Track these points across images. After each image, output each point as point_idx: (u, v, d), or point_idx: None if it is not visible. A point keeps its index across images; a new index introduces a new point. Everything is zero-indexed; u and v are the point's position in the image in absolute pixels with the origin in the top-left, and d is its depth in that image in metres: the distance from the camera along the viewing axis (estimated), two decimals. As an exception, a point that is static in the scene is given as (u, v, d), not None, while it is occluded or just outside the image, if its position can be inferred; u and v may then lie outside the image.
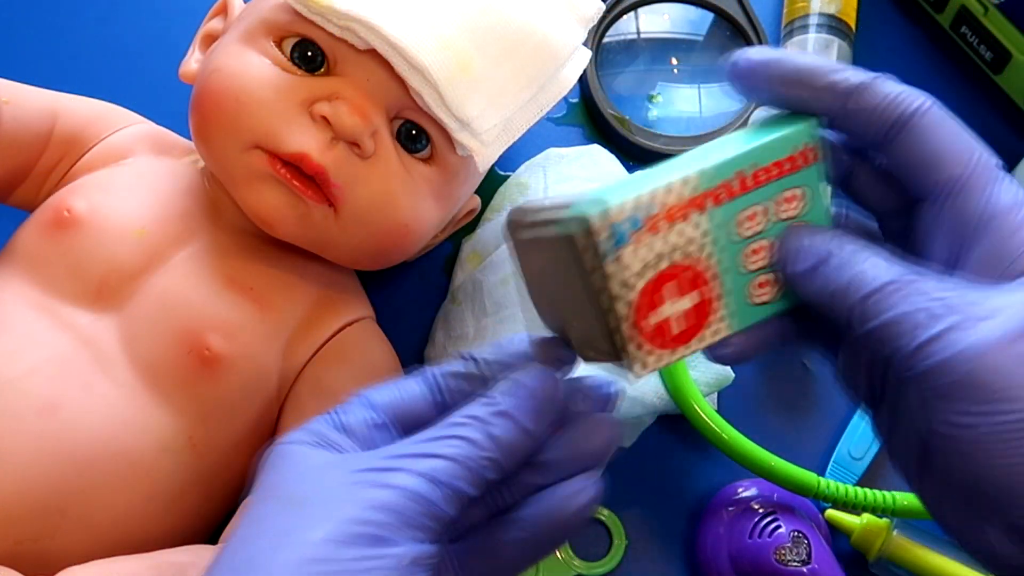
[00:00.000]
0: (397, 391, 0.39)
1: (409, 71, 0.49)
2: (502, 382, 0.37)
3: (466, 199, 0.58)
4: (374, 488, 0.34)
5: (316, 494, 0.35)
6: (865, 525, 0.55)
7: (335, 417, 0.38)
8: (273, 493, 0.36)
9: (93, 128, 0.56)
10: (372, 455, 0.36)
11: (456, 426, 0.36)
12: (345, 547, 0.33)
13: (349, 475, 0.35)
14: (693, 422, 0.55)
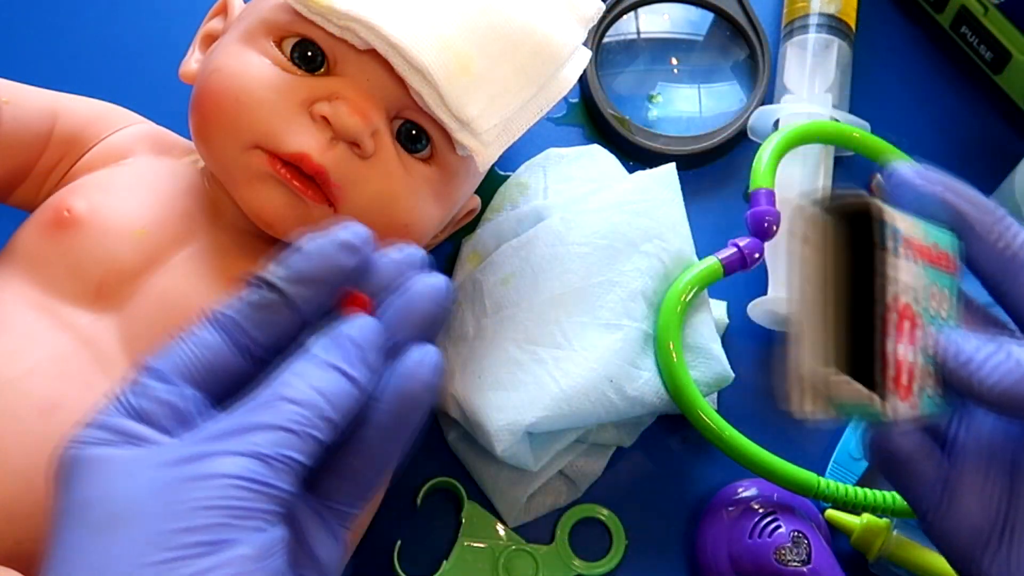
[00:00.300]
0: (191, 349, 0.35)
1: (409, 71, 0.49)
2: (319, 334, 0.34)
3: (466, 199, 0.58)
4: (193, 485, 0.31)
5: (128, 510, 0.31)
6: (865, 525, 0.55)
7: (125, 403, 0.34)
8: (78, 518, 0.32)
9: (93, 128, 0.56)
10: (183, 442, 0.32)
11: (278, 387, 0.33)
12: (177, 567, 0.30)
13: (160, 475, 0.31)
14: (693, 422, 0.55)
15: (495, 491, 0.58)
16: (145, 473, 0.32)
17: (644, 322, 0.56)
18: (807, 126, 0.61)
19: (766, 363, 0.62)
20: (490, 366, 0.56)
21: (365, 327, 0.36)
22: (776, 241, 0.59)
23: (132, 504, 0.31)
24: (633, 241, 0.57)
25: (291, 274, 0.36)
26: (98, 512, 0.31)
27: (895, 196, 0.41)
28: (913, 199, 0.40)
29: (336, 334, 0.35)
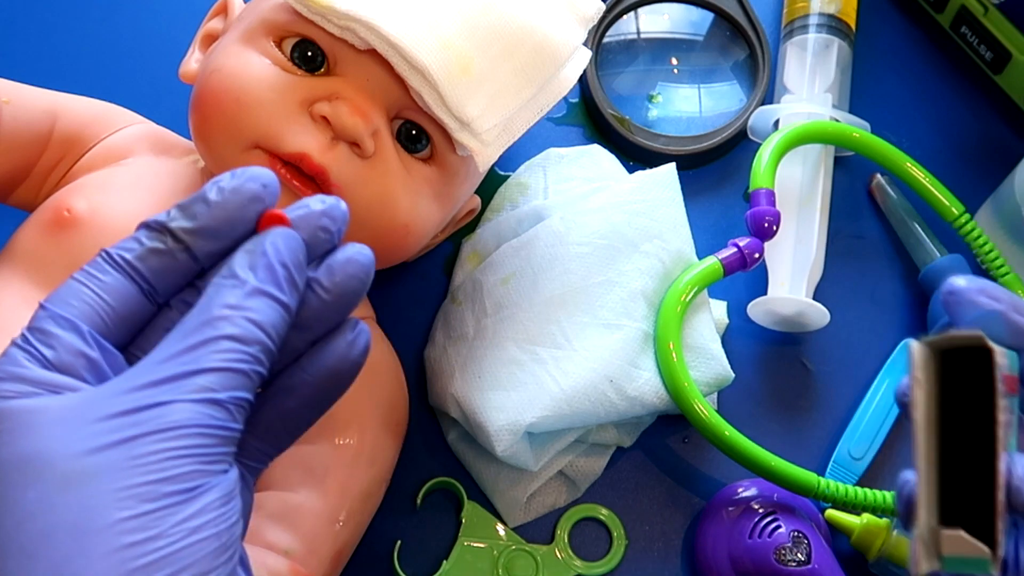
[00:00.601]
0: (97, 295, 0.34)
1: (409, 71, 0.49)
2: (241, 254, 0.34)
3: (466, 199, 0.58)
4: (157, 436, 0.30)
5: (89, 465, 0.30)
6: (865, 525, 0.55)
7: (38, 354, 0.33)
8: (26, 475, 0.30)
9: (93, 128, 0.56)
10: (118, 390, 0.32)
11: (215, 323, 0.32)
12: (163, 516, 0.30)
13: (109, 426, 0.31)
14: (693, 422, 0.55)
15: (495, 491, 0.57)
16: (89, 426, 0.31)
17: (644, 322, 0.56)
18: (807, 126, 0.61)
19: (766, 363, 0.62)
20: (490, 366, 0.56)
21: (290, 242, 0.35)
22: (776, 241, 0.59)
23: (90, 458, 0.30)
24: (633, 241, 0.57)
25: (196, 226, 0.35)
26: (52, 468, 0.30)
27: (954, 313, 0.41)
28: (974, 317, 0.40)
29: (262, 253, 0.34)
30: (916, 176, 0.62)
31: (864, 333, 0.62)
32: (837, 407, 0.61)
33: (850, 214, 0.65)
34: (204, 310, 0.33)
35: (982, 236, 0.61)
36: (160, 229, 0.35)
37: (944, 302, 0.41)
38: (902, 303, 0.63)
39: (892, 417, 0.60)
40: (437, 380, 0.58)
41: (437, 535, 0.57)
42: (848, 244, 0.64)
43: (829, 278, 0.62)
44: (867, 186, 0.66)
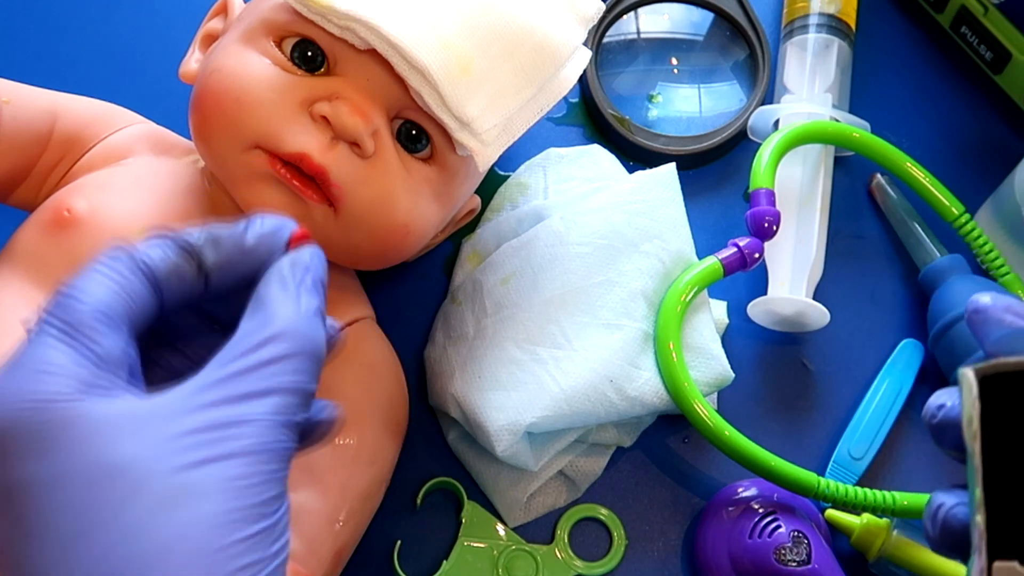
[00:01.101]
0: (127, 296, 0.34)
1: (409, 71, 0.49)
2: (289, 267, 0.35)
3: (466, 199, 0.58)
4: (245, 459, 0.31)
5: (185, 484, 0.30)
6: (865, 525, 0.55)
7: (86, 351, 0.32)
8: (129, 490, 0.30)
9: (93, 128, 0.56)
10: (195, 403, 0.32)
11: (281, 338, 0.33)
12: (261, 543, 0.31)
13: (197, 441, 0.31)
14: (693, 422, 0.55)
15: (495, 491, 0.57)
16: (177, 440, 0.31)
17: (644, 322, 0.56)
18: (807, 126, 0.61)
19: (766, 363, 0.62)
20: (490, 366, 0.56)
21: (322, 260, 0.37)
22: (776, 241, 0.59)
23: (187, 475, 0.31)
24: (633, 241, 0.57)
25: (222, 261, 0.36)
26: (150, 484, 0.30)
27: (980, 332, 0.40)
28: (1000, 336, 0.40)
29: (307, 269, 0.36)
30: (916, 176, 0.62)
31: (864, 333, 0.62)
32: (837, 407, 0.61)
33: (850, 214, 0.65)
34: (268, 323, 0.33)
35: (982, 236, 0.61)
36: (190, 251, 0.36)
37: (969, 320, 0.41)
38: (902, 303, 0.63)
39: (892, 417, 0.60)
40: (437, 380, 0.58)
41: (437, 535, 0.57)
42: (848, 244, 0.64)
43: (829, 278, 0.62)
44: (867, 186, 0.66)
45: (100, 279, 0.34)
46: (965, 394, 0.36)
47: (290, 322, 0.34)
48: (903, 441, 0.60)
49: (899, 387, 0.60)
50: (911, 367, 0.61)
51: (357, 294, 0.57)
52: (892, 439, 0.60)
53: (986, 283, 0.60)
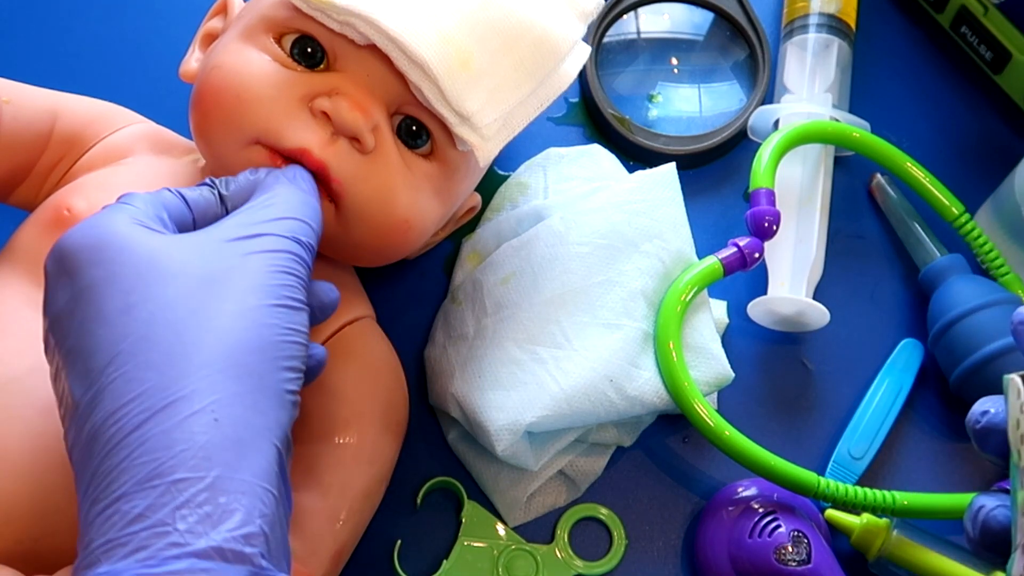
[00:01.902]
0: (177, 201, 0.44)
1: (409, 66, 0.49)
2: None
3: (467, 196, 0.58)
4: (269, 256, 0.41)
5: (221, 272, 0.40)
6: (865, 525, 0.55)
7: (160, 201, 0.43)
8: (173, 278, 0.39)
9: (93, 128, 0.56)
10: (226, 226, 0.42)
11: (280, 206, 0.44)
12: (281, 313, 0.40)
13: (231, 248, 0.41)
14: (693, 422, 0.55)
15: (495, 491, 0.57)
16: (214, 245, 0.41)
17: (644, 322, 0.56)
18: (807, 126, 0.61)
19: (766, 363, 0.62)
20: (490, 366, 0.56)
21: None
22: (776, 241, 0.59)
23: (221, 269, 0.40)
24: (633, 241, 0.57)
25: (235, 188, 0.46)
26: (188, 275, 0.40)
27: (1022, 342, 0.41)
28: None
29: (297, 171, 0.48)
30: (916, 176, 0.62)
31: (864, 333, 0.62)
32: (837, 407, 0.61)
33: (850, 214, 0.65)
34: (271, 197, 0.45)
35: (982, 236, 0.61)
36: (214, 188, 0.46)
37: (1014, 332, 0.42)
38: (902, 303, 0.63)
39: (892, 417, 0.60)
40: (437, 380, 0.58)
41: (437, 535, 0.57)
42: (848, 244, 0.64)
43: (829, 278, 0.62)
44: (867, 186, 0.66)
45: (164, 192, 0.44)
46: (1011, 399, 0.37)
47: (289, 191, 0.45)
48: (903, 441, 0.60)
49: (899, 387, 0.60)
50: (911, 367, 0.61)
51: (357, 293, 0.57)
52: (892, 439, 0.60)
53: (986, 283, 0.60)
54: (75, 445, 0.38)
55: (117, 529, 0.35)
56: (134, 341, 0.38)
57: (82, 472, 0.37)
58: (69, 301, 0.39)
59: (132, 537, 0.35)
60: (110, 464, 0.36)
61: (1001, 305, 0.58)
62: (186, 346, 0.38)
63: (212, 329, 0.38)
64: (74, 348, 0.39)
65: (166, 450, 0.36)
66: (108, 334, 0.38)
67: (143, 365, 0.37)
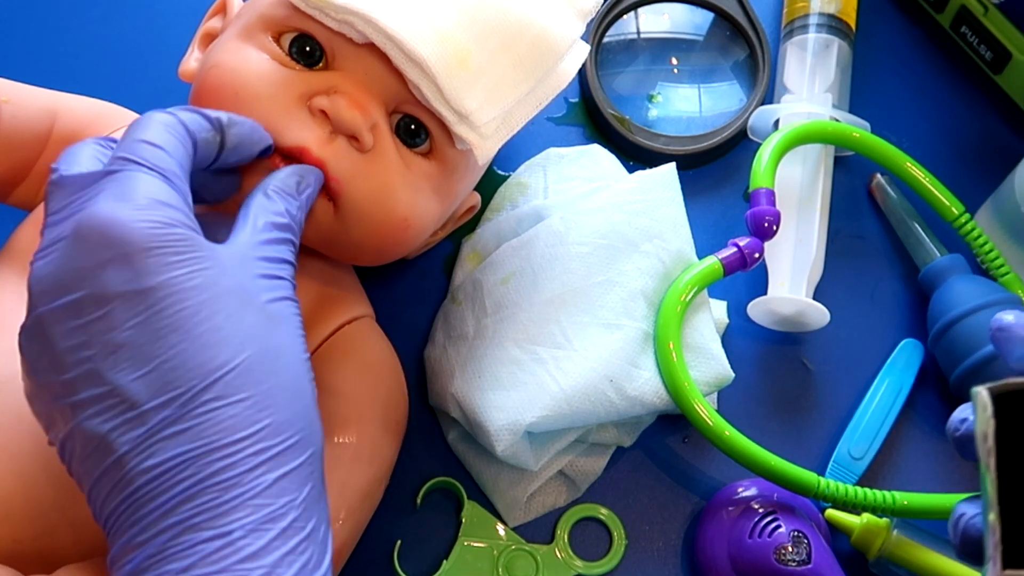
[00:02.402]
0: (186, 157, 0.43)
1: (407, 64, 0.49)
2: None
3: (466, 194, 0.58)
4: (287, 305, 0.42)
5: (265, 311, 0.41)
6: (865, 525, 0.55)
7: (184, 194, 0.41)
8: (226, 295, 0.39)
9: (93, 128, 0.56)
10: (250, 254, 0.42)
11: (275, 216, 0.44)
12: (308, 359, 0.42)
13: (244, 268, 0.42)
14: (693, 422, 0.55)
15: (495, 491, 0.57)
16: (233, 263, 0.41)
17: (644, 322, 0.56)
18: (807, 126, 0.61)
19: (766, 363, 0.62)
20: (490, 366, 0.56)
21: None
22: (776, 241, 0.59)
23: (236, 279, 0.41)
24: (633, 241, 0.57)
25: (234, 140, 0.46)
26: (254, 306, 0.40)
27: (1004, 350, 0.42)
28: (1023, 354, 0.41)
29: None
30: (916, 176, 0.62)
31: (864, 333, 0.62)
32: (837, 407, 0.61)
33: (850, 214, 0.65)
34: (279, 215, 0.45)
35: (982, 236, 0.61)
36: (218, 128, 0.45)
37: (993, 338, 0.42)
38: (902, 303, 0.63)
39: (892, 417, 0.60)
40: (437, 380, 0.58)
41: (437, 535, 0.57)
42: (848, 244, 0.64)
43: (829, 278, 0.62)
44: (867, 186, 0.66)
45: (171, 139, 0.42)
46: (979, 412, 0.38)
47: (291, 214, 0.45)
48: (903, 441, 0.60)
49: (899, 387, 0.60)
50: (911, 367, 0.61)
51: (356, 292, 0.57)
52: (892, 439, 0.60)
53: (986, 283, 0.60)
54: (136, 445, 0.37)
55: (230, 562, 0.36)
56: (238, 375, 0.38)
57: (157, 479, 0.37)
58: (130, 290, 0.38)
59: (247, 573, 0.36)
60: (217, 497, 0.37)
61: (1001, 305, 0.58)
62: (287, 391, 0.40)
63: (294, 374, 0.40)
64: (139, 346, 0.38)
65: (279, 497, 0.38)
66: (200, 355, 0.38)
67: (255, 404, 0.38)
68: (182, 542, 0.37)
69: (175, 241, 0.39)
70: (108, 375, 0.38)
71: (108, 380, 0.38)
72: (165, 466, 0.37)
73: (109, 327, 0.38)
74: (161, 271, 0.38)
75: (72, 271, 0.38)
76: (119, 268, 0.38)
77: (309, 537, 0.38)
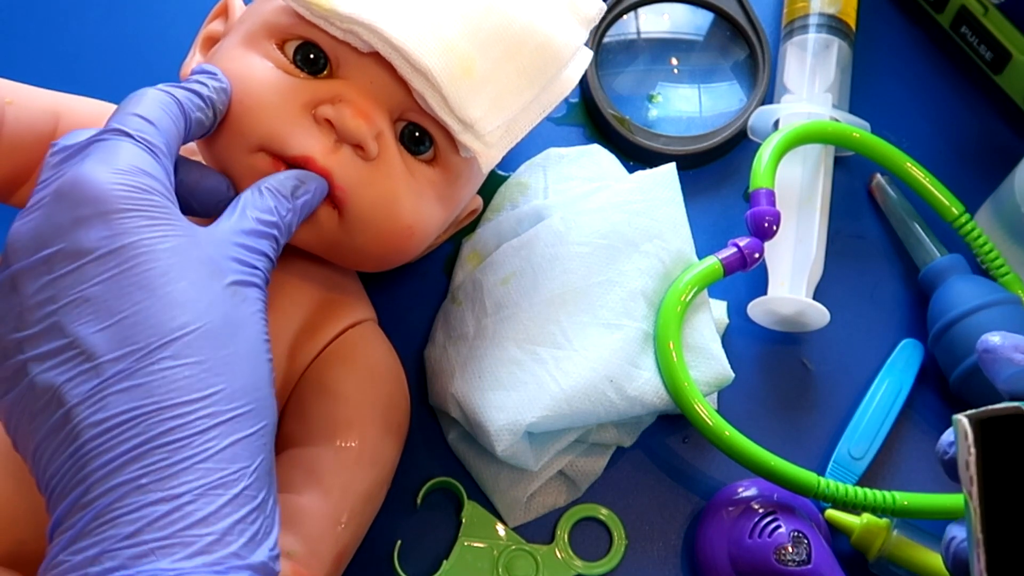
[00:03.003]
0: (177, 136, 0.44)
1: (412, 73, 0.49)
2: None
3: (468, 200, 0.58)
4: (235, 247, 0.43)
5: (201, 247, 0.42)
6: (865, 525, 0.55)
7: (168, 170, 0.43)
8: (198, 263, 0.41)
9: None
10: (229, 238, 0.43)
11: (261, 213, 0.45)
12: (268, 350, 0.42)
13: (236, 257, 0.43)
14: (693, 422, 0.55)
15: (495, 491, 0.58)
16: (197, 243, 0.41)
17: (644, 322, 0.56)
18: (807, 126, 0.61)
19: (766, 363, 0.62)
20: (490, 366, 0.56)
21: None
22: (776, 241, 0.59)
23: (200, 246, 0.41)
24: (633, 241, 0.57)
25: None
26: (217, 287, 0.41)
27: (991, 371, 0.42)
28: (1010, 375, 0.41)
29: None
30: (916, 176, 0.62)
31: (864, 333, 0.62)
32: (837, 407, 0.61)
33: (850, 214, 0.65)
34: (266, 212, 0.45)
35: (982, 236, 0.62)
36: (210, 104, 0.47)
37: (980, 360, 0.43)
38: (902, 303, 0.63)
39: (892, 417, 0.60)
40: (437, 380, 0.58)
41: (437, 535, 0.57)
42: (848, 244, 0.65)
43: (829, 278, 0.62)
44: (867, 186, 0.66)
45: (164, 115, 0.44)
46: (960, 441, 0.38)
47: (279, 213, 0.45)
48: (903, 441, 0.60)
49: (899, 387, 0.60)
50: (911, 367, 0.61)
51: (359, 297, 0.57)
52: (892, 439, 0.60)
53: (986, 283, 0.60)
54: (87, 397, 0.37)
55: (178, 528, 0.36)
56: (197, 337, 0.39)
57: (105, 434, 0.37)
58: (103, 247, 0.39)
59: (196, 539, 0.36)
60: (167, 458, 0.37)
61: (1001, 305, 0.58)
62: (243, 361, 0.40)
63: (253, 348, 0.41)
64: (104, 300, 0.38)
65: (231, 463, 0.38)
66: (162, 314, 0.38)
67: (210, 369, 0.38)
68: (128, 504, 0.36)
69: (152, 207, 0.40)
70: (70, 327, 0.38)
71: (69, 332, 0.38)
72: (114, 420, 0.37)
73: (78, 281, 0.38)
74: (135, 232, 0.39)
75: (49, 227, 0.39)
76: (95, 226, 0.39)
77: (259, 507, 0.38)
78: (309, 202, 0.47)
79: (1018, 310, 0.58)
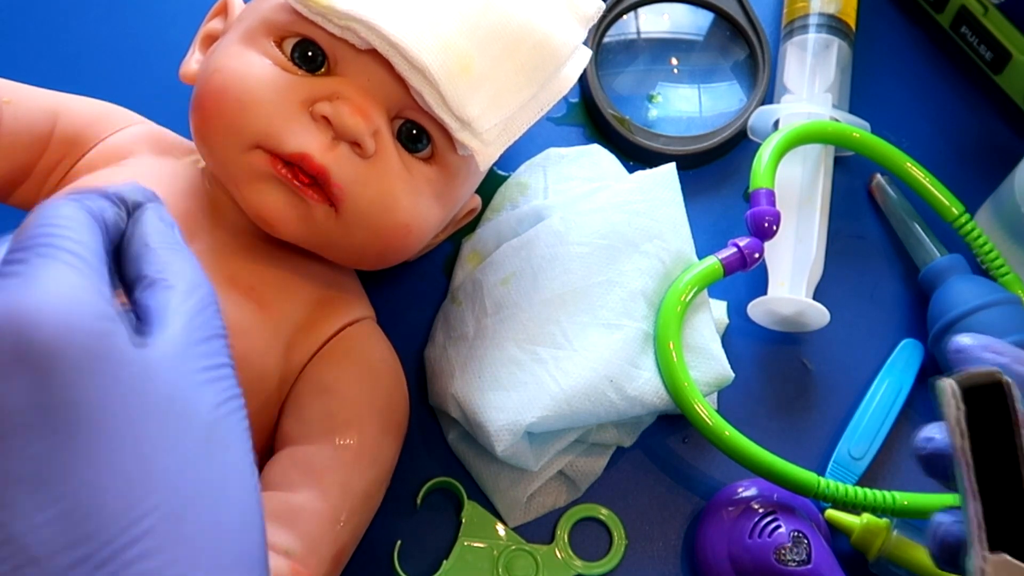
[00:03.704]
0: (104, 243, 0.36)
1: (410, 71, 0.49)
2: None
3: (467, 198, 0.58)
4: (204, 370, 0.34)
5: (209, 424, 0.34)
6: (865, 525, 0.55)
7: (104, 284, 0.33)
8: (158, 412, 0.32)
9: (94, 128, 0.56)
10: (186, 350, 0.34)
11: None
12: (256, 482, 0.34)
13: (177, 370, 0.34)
14: (693, 422, 0.55)
15: (495, 491, 0.58)
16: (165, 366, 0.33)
17: (644, 322, 0.56)
18: (807, 126, 0.61)
19: (766, 363, 0.62)
20: (490, 366, 0.56)
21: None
22: (776, 241, 0.59)
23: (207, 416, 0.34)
24: (633, 241, 0.57)
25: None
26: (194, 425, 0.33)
27: (960, 368, 0.42)
28: None
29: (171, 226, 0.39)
30: (916, 176, 0.62)
31: (864, 333, 0.62)
32: (837, 407, 0.61)
33: (850, 214, 0.65)
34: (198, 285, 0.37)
35: (982, 236, 0.61)
36: (123, 205, 0.38)
37: (951, 360, 0.43)
38: (902, 303, 0.63)
39: (892, 417, 0.60)
40: (437, 380, 0.58)
41: (437, 535, 0.57)
42: (848, 244, 0.64)
43: (829, 278, 0.62)
44: (867, 186, 0.66)
45: (84, 230, 0.35)
46: (949, 405, 0.39)
47: (203, 280, 0.37)
48: (903, 441, 0.60)
49: (899, 387, 0.60)
50: (911, 367, 0.61)
51: (357, 294, 0.57)
52: (892, 439, 0.60)
53: (986, 283, 0.60)
54: None
55: None
56: (170, 519, 0.31)
57: None
58: (36, 408, 0.30)
59: None
60: None
61: (1001, 305, 0.58)
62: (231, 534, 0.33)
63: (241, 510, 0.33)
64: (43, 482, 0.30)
65: None
66: (122, 497, 0.30)
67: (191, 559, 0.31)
68: None
69: (91, 341, 0.31)
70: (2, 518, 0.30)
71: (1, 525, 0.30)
72: None
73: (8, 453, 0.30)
74: (73, 382, 0.31)
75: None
76: (18, 377, 0.30)
77: None
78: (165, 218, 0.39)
79: (1018, 310, 0.58)
